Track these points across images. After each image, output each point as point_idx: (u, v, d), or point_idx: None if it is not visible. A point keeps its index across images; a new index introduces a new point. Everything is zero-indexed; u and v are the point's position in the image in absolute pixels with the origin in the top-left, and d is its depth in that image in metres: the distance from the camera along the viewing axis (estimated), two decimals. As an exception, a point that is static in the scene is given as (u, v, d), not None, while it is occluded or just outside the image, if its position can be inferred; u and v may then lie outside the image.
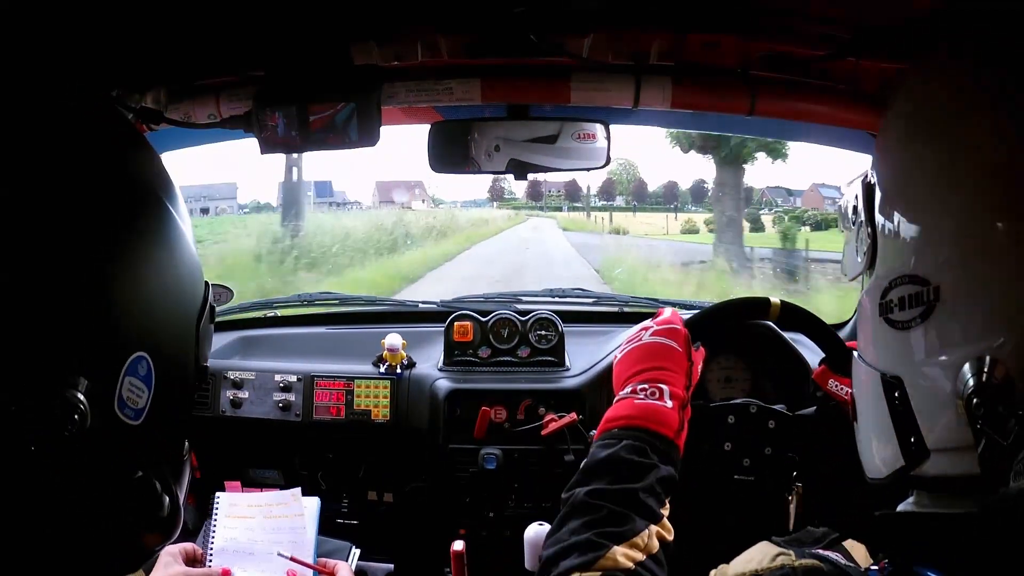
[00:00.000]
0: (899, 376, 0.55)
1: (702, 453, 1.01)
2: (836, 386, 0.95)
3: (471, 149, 1.13)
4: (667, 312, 0.88)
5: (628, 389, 0.78)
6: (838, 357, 0.96)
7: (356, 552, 1.19)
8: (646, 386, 0.76)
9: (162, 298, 0.64)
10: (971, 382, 0.48)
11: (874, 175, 0.61)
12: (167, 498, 0.63)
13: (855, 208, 0.63)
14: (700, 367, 0.87)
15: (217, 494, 1.19)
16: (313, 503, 1.19)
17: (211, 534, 1.13)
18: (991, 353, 0.48)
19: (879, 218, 0.59)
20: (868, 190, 0.61)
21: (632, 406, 0.75)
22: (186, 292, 0.68)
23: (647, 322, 0.87)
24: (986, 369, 0.48)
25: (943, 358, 0.51)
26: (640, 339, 0.84)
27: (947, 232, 0.52)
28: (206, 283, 0.72)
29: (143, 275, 0.62)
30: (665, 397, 0.75)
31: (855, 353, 0.64)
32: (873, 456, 0.60)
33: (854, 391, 0.65)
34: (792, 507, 1.02)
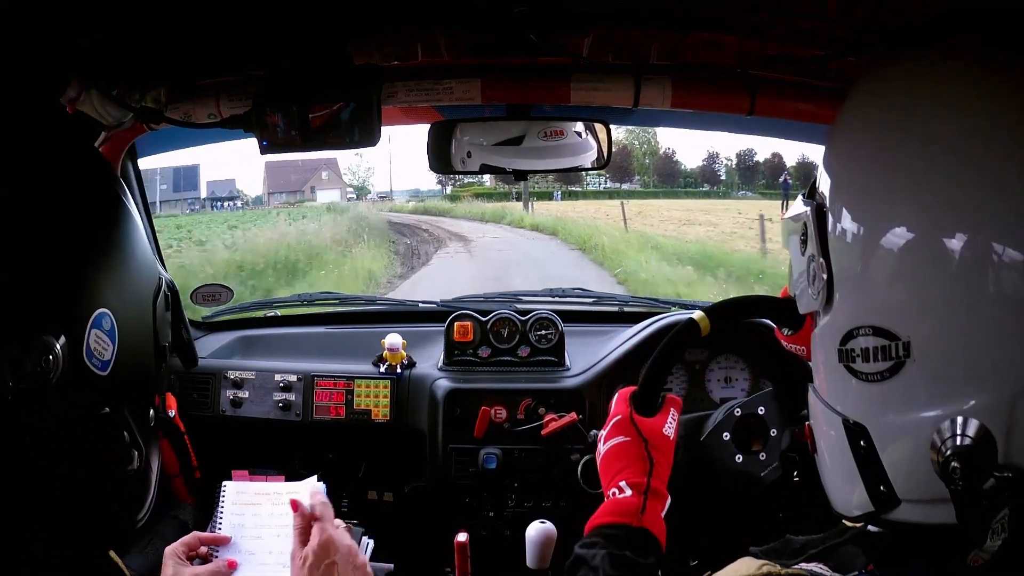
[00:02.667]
0: (863, 425, 0.51)
1: (718, 478, 1.00)
2: (789, 346, 0.93)
3: (452, 152, 1.14)
4: (612, 403, 0.91)
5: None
6: (780, 317, 0.94)
7: (369, 543, 1.19)
8: (612, 490, 0.82)
9: (122, 269, 0.80)
10: (948, 443, 0.45)
11: (825, 200, 0.54)
12: (135, 452, 0.70)
13: (804, 237, 0.56)
14: (673, 420, 0.88)
15: (224, 483, 1.19)
16: (319, 488, 1.18)
17: (217, 523, 1.13)
18: (968, 413, 0.44)
19: (835, 252, 0.52)
20: (819, 217, 0.54)
21: (600, 509, 0.82)
22: (142, 272, 0.84)
23: (603, 429, 0.89)
24: (961, 431, 0.44)
25: (916, 415, 0.47)
26: (599, 452, 0.89)
27: (914, 275, 0.46)
28: (159, 277, 0.90)
29: (106, 249, 0.77)
30: (624, 489, 0.81)
31: (810, 385, 0.60)
32: (840, 492, 0.57)
33: (812, 424, 0.61)
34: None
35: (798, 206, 0.58)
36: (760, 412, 1.00)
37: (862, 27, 0.84)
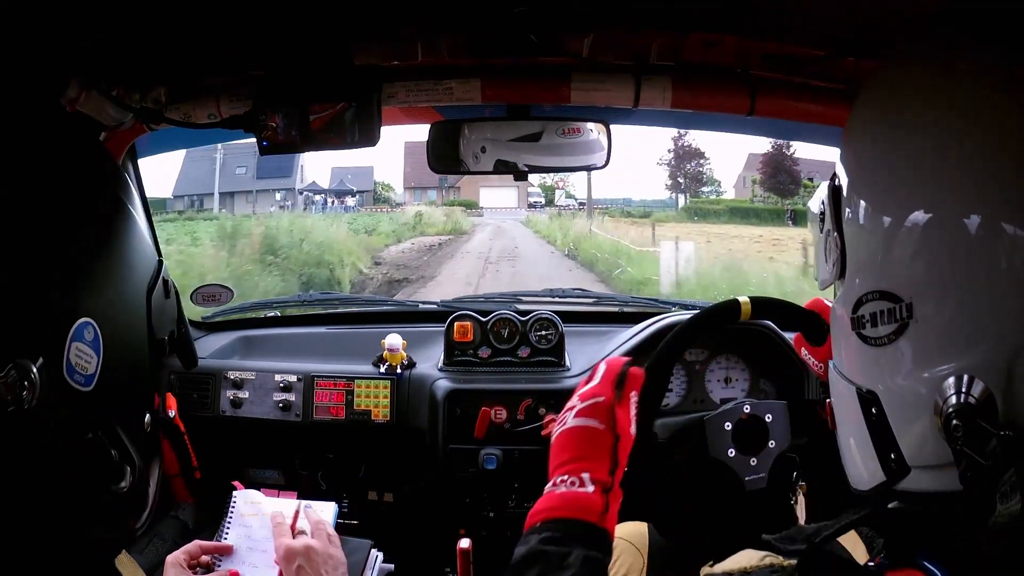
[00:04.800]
0: (875, 392, 0.53)
1: (707, 464, 1.00)
2: (807, 355, 0.93)
3: (460, 149, 1.14)
4: (598, 373, 0.81)
5: (551, 482, 0.76)
6: (811, 329, 0.95)
7: (378, 555, 1.19)
8: (567, 476, 0.74)
9: (106, 270, 0.71)
10: (951, 401, 0.47)
11: (840, 178, 0.58)
12: (127, 467, 0.65)
13: (822, 214, 0.60)
14: (635, 417, 0.79)
15: (235, 492, 1.19)
16: (329, 508, 1.18)
17: (224, 531, 1.12)
18: (970, 371, 0.46)
19: (847, 225, 0.56)
20: (835, 194, 0.58)
21: (553, 497, 0.74)
22: (134, 267, 0.75)
23: (574, 397, 0.81)
24: (964, 389, 0.46)
25: (920, 375, 0.50)
26: (564, 422, 0.80)
27: (917, 241, 0.50)
28: (159, 261, 0.80)
29: (85, 251, 0.69)
30: (586, 483, 0.73)
31: (831, 362, 0.62)
32: (855, 467, 0.59)
33: (832, 400, 0.63)
34: (801, 508, 1.02)
35: (821, 190, 0.62)
36: (767, 419, 1.00)
37: (862, 27, 0.84)
